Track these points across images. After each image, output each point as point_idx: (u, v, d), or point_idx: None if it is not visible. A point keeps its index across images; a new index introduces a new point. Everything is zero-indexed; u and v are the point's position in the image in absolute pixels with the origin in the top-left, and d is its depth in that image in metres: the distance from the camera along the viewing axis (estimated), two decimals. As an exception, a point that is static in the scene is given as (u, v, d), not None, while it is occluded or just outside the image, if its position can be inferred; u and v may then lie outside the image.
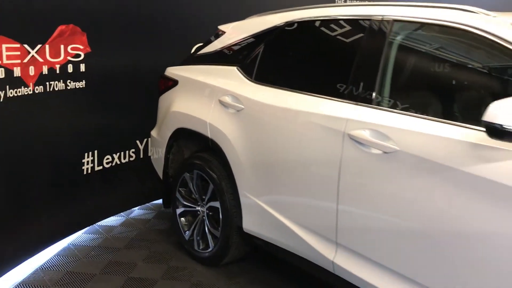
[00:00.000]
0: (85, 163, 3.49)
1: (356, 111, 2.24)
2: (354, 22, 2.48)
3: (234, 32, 3.12)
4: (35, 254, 3.17)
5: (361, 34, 2.41)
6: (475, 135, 1.78)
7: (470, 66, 2.16)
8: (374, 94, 2.23)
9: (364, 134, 2.15)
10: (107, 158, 3.68)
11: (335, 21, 2.58)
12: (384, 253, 2.12)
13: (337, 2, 5.20)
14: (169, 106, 3.34)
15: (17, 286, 2.87)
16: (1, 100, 2.70)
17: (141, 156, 3.94)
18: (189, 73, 3.27)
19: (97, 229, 3.69)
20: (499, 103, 1.61)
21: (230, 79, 2.95)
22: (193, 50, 3.72)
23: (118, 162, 3.79)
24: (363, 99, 2.26)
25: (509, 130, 1.57)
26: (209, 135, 2.98)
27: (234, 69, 2.97)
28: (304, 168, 2.44)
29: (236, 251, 3.02)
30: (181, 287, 2.93)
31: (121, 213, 3.97)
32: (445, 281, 1.90)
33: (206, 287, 2.93)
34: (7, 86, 2.72)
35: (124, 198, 3.92)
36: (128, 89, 3.65)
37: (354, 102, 2.29)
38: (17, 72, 2.79)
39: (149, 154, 3.74)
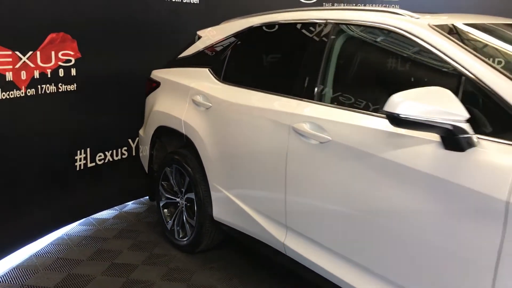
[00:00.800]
0: (78, 160, 3.82)
1: (300, 106, 2.51)
2: (303, 26, 2.75)
3: (207, 37, 3.42)
4: (31, 242, 3.52)
5: (308, 37, 2.67)
6: (389, 124, 2.01)
7: (393, 64, 2.40)
8: (316, 90, 2.49)
9: (305, 126, 2.41)
10: (100, 156, 4.01)
11: (288, 25, 2.86)
12: (323, 233, 2.38)
13: (324, 6, 5.45)
14: (153, 106, 3.65)
15: (12, 269, 3.20)
16: (-5, 102, 3.04)
17: (133, 154, 4.27)
18: (169, 75, 3.57)
19: (90, 221, 4.02)
20: (398, 95, 1.85)
21: (202, 80, 3.24)
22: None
23: (111, 159, 4.12)
24: (307, 95, 2.52)
25: (405, 118, 1.81)
26: (184, 131, 3.27)
27: (206, 71, 3.26)
28: (258, 159, 2.71)
29: (210, 239, 3.30)
30: (159, 271, 3.22)
31: (115, 207, 4.30)
32: (371, 256, 2.15)
33: (182, 271, 3.21)
34: (0, 89, 3.06)
35: (117, 193, 4.25)
36: (118, 91, 3.97)
37: (299, 98, 2.55)
38: (9, 76, 3.13)
39: (140, 152, 4.04)
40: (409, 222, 1.98)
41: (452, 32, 2.19)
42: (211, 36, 3.40)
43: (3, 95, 3.11)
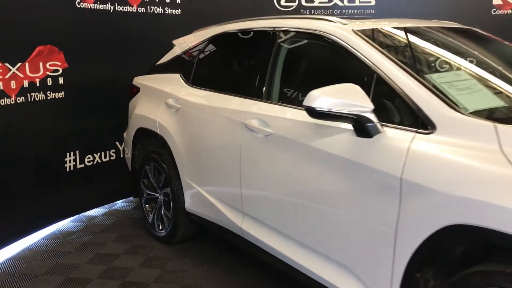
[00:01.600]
0: (67, 162, 4.20)
1: (251, 105, 2.86)
2: (255, 34, 3.10)
3: (180, 45, 3.79)
4: (25, 236, 3.90)
5: (259, 43, 3.02)
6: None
7: (324, 64, 2.74)
8: (263, 90, 2.83)
9: (253, 122, 2.76)
10: (88, 157, 4.40)
11: (243, 33, 3.21)
12: (269, 215, 2.72)
13: (302, 13, 5.80)
14: (133, 109, 4.02)
15: (6, 261, 3.58)
16: (-14, 109, 3.43)
17: (121, 156, 4.64)
18: (148, 81, 3.95)
19: (81, 218, 4.40)
20: (315, 90, 2.19)
21: (174, 84, 3.61)
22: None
23: (99, 161, 4.50)
24: (257, 95, 2.87)
25: (320, 111, 2.15)
26: (158, 131, 3.64)
27: (177, 76, 3.63)
28: (219, 153, 3.07)
29: (185, 230, 3.65)
30: (139, 259, 3.58)
31: (105, 205, 4.67)
32: (303, 231, 2.48)
33: (160, 259, 3.57)
34: (-9, 98, 3.46)
35: (107, 192, 4.63)
36: (105, 98, 4.35)
37: (250, 98, 2.90)
38: (-1, 86, 3.53)
39: (125, 154, 4.41)
40: (331, 200, 2.32)
41: (372, 35, 2.52)
42: (183, 44, 3.77)
43: (-5, 103, 3.50)
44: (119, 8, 4.48)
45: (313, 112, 2.17)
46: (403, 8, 5.85)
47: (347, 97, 2.12)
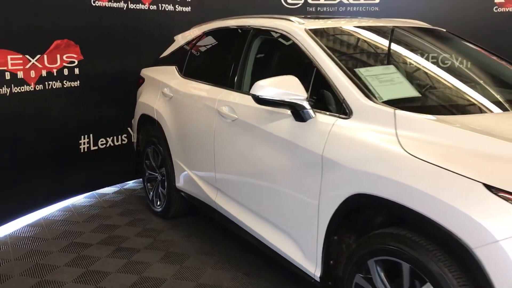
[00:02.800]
0: (82, 144, 4.77)
1: (224, 94, 3.30)
2: (234, 31, 3.54)
3: (178, 41, 4.27)
4: (42, 208, 4.48)
5: (236, 39, 3.46)
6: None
7: (282, 58, 3.15)
8: (235, 81, 3.28)
9: (224, 109, 3.21)
10: (102, 141, 4.95)
11: (225, 30, 3.66)
12: (234, 189, 3.17)
13: (308, 10, 6.17)
14: (139, 98, 4.54)
15: (23, 227, 4.17)
16: (8, 95, 4.01)
17: (132, 140, 5.17)
18: (151, 72, 4.46)
19: (94, 195, 4.97)
20: (260, 81, 2.61)
21: (170, 75, 4.10)
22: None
23: (112, 144, 5.05)
24: (230, 85, 3.31)
25: (263, 98, 2.57)
26: (156, 117, 4.14)
27: (173, 68, 4.12)
28: (199, 136, 3.54)
29: (177, 206, 4.14)
30: (136, 230, 4.09)
31: (117, 184, 5.23)
32: (257, 202, 2.92)
33: (154, 230, 4.08)
34: (12, 85, 4.04)
35: (119, 173, 5.18)
36: (117, 87, 4.86)
37: (225, 88, 3.35)
38: (20, 75, 4.10)
39: (132, 138, 4.94)
40: (275, 176, 2.74)
41: (322, 34, 2.91)
42: (180, 40, 4.25)
43: (15, 90, 4.08)
44: (132, 6, 5.00)
45: (258, 99, 2.60)
46: (407, 5, 6.12)
47: (286, 87, 2.53)
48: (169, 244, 3.81)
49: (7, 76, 3.99)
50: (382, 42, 3.09)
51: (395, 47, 3.08)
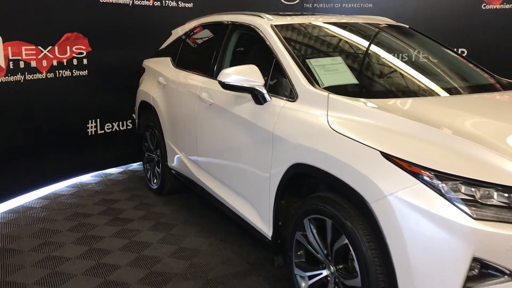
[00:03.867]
0: (89, 127, 5.33)
1: (204, 81, 3.79)
2: (218, 25, 4.02)
3: (174, 34, 4.79)
4: (52, 184, 5.06)
5: (218, 33, 3.95)
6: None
7: (254, 50, 3.61)
8: (215, 70, 3.76)
9: (204, 95, 3.71)
10: (108, 125, 5.50)
11: (211, 25, 4.15)
12: (210, 165, 3.66)
13: (304, 6, 6.61)
14: (140, 86, 5.07)
15: (34, 200, 4.75)
16: (22, 81, 4.58)
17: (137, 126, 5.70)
18: (150, 63, 4.98)
19: (100, 174, 5.53)
20: (226, 69, 3.09)
21: (165, 66, 4.61)
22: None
23: (117, 129, 5.61)
24: (211, 74, 3.80)
25: (228, 84, 3.05)
26: (152, 104, 4.66)
27: (168, 59, 4.63)
28: (184, 119, 4.04)
29: (171, 184, 4.65)
30: (133, 204, 4.62)
31: (122, 166, 5.78)
32: (230, 176, 3.41)
33: (149, 205, 4.60)
34: (26, 73, 4.61)
35: (124, 155, 5.72)
36: (122, 77, 5.39)
37: (207, 76, 3.84)
38: (33, 64, 4.67)
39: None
40: (240, 152, 3.23)
41: (285, 29, 3.37)
42: (175, 33, 4.76)
43: (29, 77, 4.64)
44: (137, 2, 5.53)
45: (223, 85, 3.08)
46: (399, 2, 6.51)
47: (247, 75, 3.01)
48: (160, 216, 4.33)
49: (21, 64, 4.56)
50: (338, 36, 3.53)
51: (349, 40, 3.51)
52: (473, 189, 2.00)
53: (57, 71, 4.90)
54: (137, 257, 3.57)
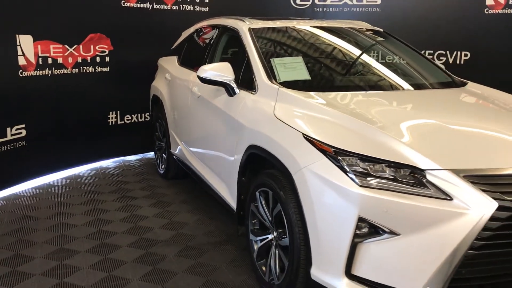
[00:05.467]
0: (110, 118, 6.06)
1: (196, 76, 4.41)
2: (214, 28, 4.63)
3: (182, 35, 5.44)
4: (74, 167, 5.81)
5: (210, 34, 4.56)
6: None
7: (234, 49, 4.19)
8: (205, 67, 4.37)
9: (194, 88, 4.33)
10: (127, 117, 6.22)
11: (208, 27, 4.76)
12: (198, 151, 4.28)
13: (315, 10, 7.13)
14: (153, 82, 5.76)
15: (59, 179, 5.51)
16: (50, 76, 5.35)
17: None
18: (162, 61, 5.65)
19: (119, 160, 6.25)
20: (204, 66, 3.69)
21: (171, 64, 5.27)
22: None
23: (136, 121, 6.32)
24: (202, 70, 4.41)
25: (205, 78, 3.65)
26: (160, 97, 5.33)
27: (175, 58, 5.29)
28: (181, 110, 4.67)
29: (174, 169, 5.29)
30: (141, 185, 5.30)
31: (140, 154, 6.49)
32: (210, 159, 4.01)
33: (155, 187, 5.27)
34: (53, 68, 5.37)
35: (141, 144, 6.43)
36: (142, 73, 6.05)
37: (199, 72, 4.45)
38: (60, 60, 5.43)
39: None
40: (216, 138, 3.82)
41: (260, 32, 3.93)
42: (184, 35, 5.41)
43: (56, 72, 5.40)
44: (156, 6, 6.22)
45: (201, 79, 3.69)
46: (406, 7, 6.93)
47: (220, 71, 3.60)
48: (162, 196, 4.98)
49: (49, 61, 5.32)
50: (306, 39, 4.06)
51: (314, 42, 4.04)
52: (368, 164, 2.51)
53: (81, 67, 5.64)
54: (133, 227, 4.22)
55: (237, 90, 3.58)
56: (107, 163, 6.14)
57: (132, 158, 6.37)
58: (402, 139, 2.59)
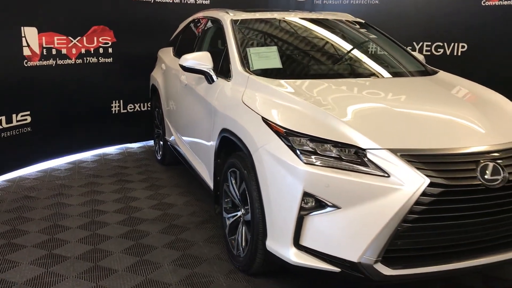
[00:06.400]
0: (113, 107, 6.40)
1: (186, 66, 4.70)
2: (200, 20, 4.91)
3: (179, 27, 5.73)
4: (79, 153, 6.17)
5: (199, 26, 4.84)
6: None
7: (219, 40, 4.45)
8: (194, 57, 4.65)
9: (182, 77, 4.62)
10: (130, 106, 6.55)
11: (198, 20, 5.04)
12: (185, 136, 4.57)
13: (315, 2, 7.33)
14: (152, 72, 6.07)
15: (63, 164, 5.87)
16: (54, 65, 5.70)
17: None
18: (160, 52, 5.95)
19: (122, 148, 6.59)
20: (186, 55, 3.96)
21: (167, 54, 5.56)
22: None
23: (139, 110, 6.64)
24: (191, 60, 4.70)
25: (186, 67, 3.93)
26: (157, 86, 5.64)
27: (170, 49, 5.58)
28: (172, 98, 4.97)
29: (170, 155, 5.59)
30: (139, 170, 5.62)
31: (143, 142, 6.82)
32: (193, 143, 4.30)
33: (151, 171, 5.58)
34: (57, 58, 5.72)
35: (143, 132, 6.75)
36: (143, 64, 6.32)
37: (188, 62, 4.74)
38: (64, 51, 5.78)
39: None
40: (197, 123, 4.11)
41: (240, 23, 4.18)
42: (180, 26, 5.70)
43: (60, 62, 5.75)
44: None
45: (183, 68, 3.97)
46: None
47: (200, 60, 3.88)
48: (156, 180, 5.29)
49: (53, 51, 5.67)
50: (284, 29, 4.30)
51: (291, 32, 4.27)
52: (316, 144, 2.75)
53: (84, 58, 5.98)
54: (124, 207, 4.54)
55: (215, 78, 3.84)
56: (111, 149, 6.48)
57: (134, 145, 6.70)
58: (349, 121, 2.83)
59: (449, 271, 2.69)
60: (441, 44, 7.03)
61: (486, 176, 2.61)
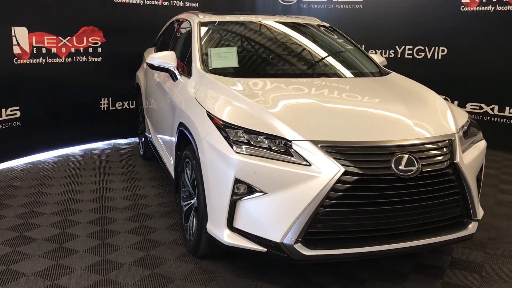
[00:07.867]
0: (102, 104, 6.77)
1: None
2: (176, 22, 5.25)
3: (162, 29, 6.08)
4: (69, 147, 6.54)
5: (174, 28, 5.18)
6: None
7: (188, 41, 4.78)
8: (167, 57, 4.99)
9: (156, 75, 4.96)
10: (119, 103, 6.92)
11: (178, 21, 5.38)
12: (156, 129, 4.90)
13: (300, 7, 7.64)
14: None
15: (50, 158, 6.25)
16: (44, 64, 6.08)
17: (144, 105, 7.06)
18: (145, 52, 6.31)
19: (110, 143, 6.95)
20: (153, 54, 4.29)
21: (149, 54, 5.90)
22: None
23: (127, 107, 7.01)
24: (165, 60, 5.04)
25: (152, 65, 4.26)
26: (139, 84, 5.99)
27: (153, 49, 5.94)
28: (149, 95, 5.31)
29: (150, 150, 5.94)
30: (121, 164, 5.97)
31: (130, 138, 7.18)
32: (163, 134, 4.63)
33: (133, 165, 5.92)
34: (47, 57, 6.10)
35: (131, 129, 7.11)
36: (132, 64, 6.67)
37: (163, 61, 5.08)
38: (54, 50, 6.16)
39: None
40: (165, 116, 4.44)
41: (207, 25, 4.51)
42: (163, 28, 6.05)
43: (49, 60, 6.13)
44: (148, 2, 6.88)
45: (150, 66, 4.31)
46: (387, 3, 7.36)
47: (165, 59, 4.21)
48: (135, 173, 5.63)
49: (43, 50, 6.05)
50: (248, 31, 4.61)
51: (253, 34, 4.58)
52: (250, 135, 3.05)
53: (74, 57, 6.35)
54: (99, 196, 4.88)
55: (178, 76, 4.17)
56: (99, 145, 6.84)
57: (123, 141, 7.06)
58: (280, 116, 3.13)
59: (367, 253, 2.97)
60: (422, 48, 7.29)
61: (400, 167, 2.89)
